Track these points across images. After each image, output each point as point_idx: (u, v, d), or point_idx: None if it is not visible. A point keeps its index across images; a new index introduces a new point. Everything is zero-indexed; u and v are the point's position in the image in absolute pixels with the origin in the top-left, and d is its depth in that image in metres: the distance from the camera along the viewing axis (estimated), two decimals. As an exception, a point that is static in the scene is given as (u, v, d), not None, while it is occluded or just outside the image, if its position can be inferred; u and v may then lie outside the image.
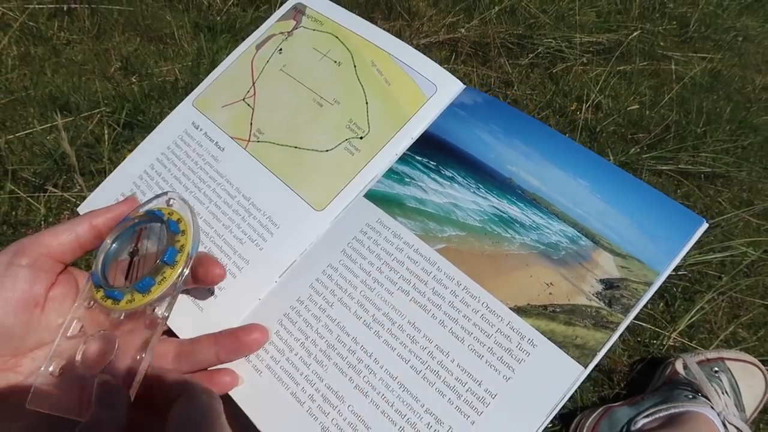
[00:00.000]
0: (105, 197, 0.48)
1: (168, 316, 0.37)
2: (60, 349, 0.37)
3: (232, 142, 0.48)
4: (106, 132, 0.96)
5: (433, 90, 0.46)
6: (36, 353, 0.37)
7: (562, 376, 0.35)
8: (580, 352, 0.35)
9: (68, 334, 0.38)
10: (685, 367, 0.77)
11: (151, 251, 0.39)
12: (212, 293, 0.42)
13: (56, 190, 0.91)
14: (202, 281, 0.39)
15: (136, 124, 1.01)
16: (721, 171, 1.17)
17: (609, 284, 0.36)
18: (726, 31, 1.60)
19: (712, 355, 0.79)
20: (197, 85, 0.51)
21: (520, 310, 0.37)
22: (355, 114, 0.46)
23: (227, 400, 0.42)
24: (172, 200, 0.41)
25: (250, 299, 0.42)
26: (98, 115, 1.02)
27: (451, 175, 0.42)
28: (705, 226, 0.37)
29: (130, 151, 0.98)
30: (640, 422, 0.70)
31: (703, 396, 0.74)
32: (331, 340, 0.39)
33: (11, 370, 0.36)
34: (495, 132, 0.43)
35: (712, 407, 0.70)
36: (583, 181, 0.40)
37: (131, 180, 0.48)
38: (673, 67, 1.42)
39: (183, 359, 0.40)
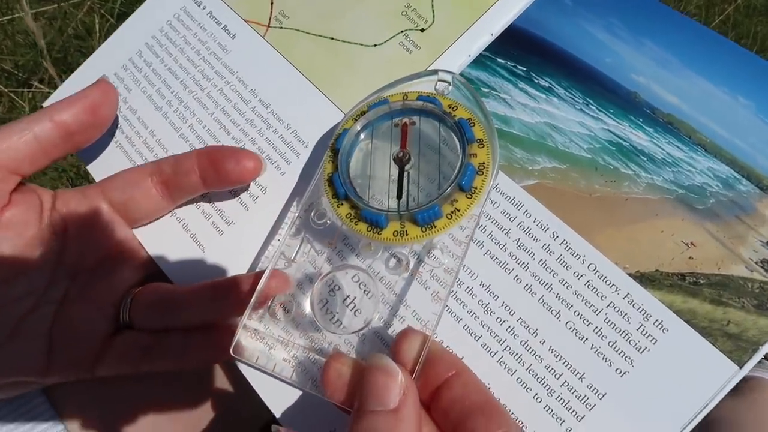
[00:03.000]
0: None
1: (456, 271, 0.26)
2: (276, 281, 0.28)
3: (247, 26, 0.36)
4: (97, 23, 0.84)
5: (525, -34, 0.33)
6: None
7: (706, 377, 0.25)
8: (734, 345, 0.25)
9: (291, 258, 0.29)
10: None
11: (428, 161, 0.28)
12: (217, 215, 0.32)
13: (42, 86, 0.81)
14: (228, 179, 0.31)
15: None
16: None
17: (782, 251, 0.26)
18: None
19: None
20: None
21: (644, 279, 0.26)
22: (415, -3, 0.34)
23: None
24: (444, 83, 0.29)
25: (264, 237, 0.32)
26: (88, 3, 0.89)
27: (547, 84, 0.31)
28: None
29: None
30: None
31: (769, 360, 0.65)
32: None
33: None
34: (614, 28, 0.31)
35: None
36: (746, 99, 0.28)
37: (112, 70, 0.37)
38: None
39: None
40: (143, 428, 0.33)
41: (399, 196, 0.27)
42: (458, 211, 0.25)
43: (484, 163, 0.26)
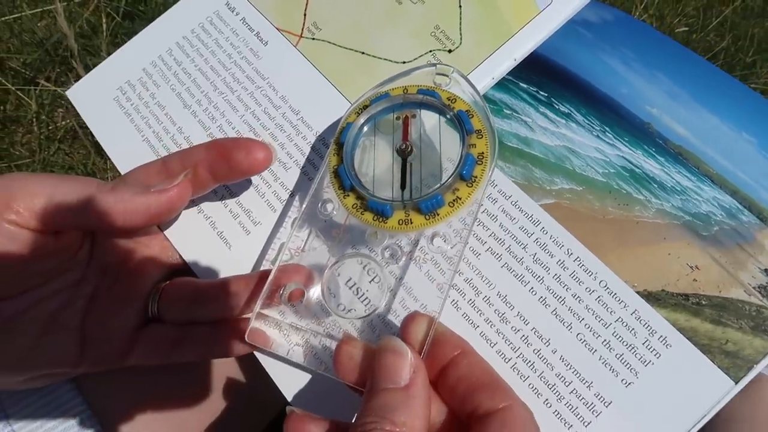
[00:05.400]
0: (104, 85, 0.38)
1: (459, 257, 0.27)
2: (286, 270, 0.29)
3: (279, 35, 0.37)
4: (104, 21, 0.83)
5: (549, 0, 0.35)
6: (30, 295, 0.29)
7: (704, 390, 0.27)
8: (731, 362, 0.27)
9: (300, 248, 0.30)
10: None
11: (429, 152, 0.29)
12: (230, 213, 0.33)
13: (48, 84, 0.80)
14: (239, 170, 0.30)
15: (138, 15, 0.89)
16: (772, 104, 1.10)
17: (779, 277, 0.28)
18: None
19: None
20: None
21: (651, 297, 0.28)
22: (444, 19, 0.35)
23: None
24: (442, 75, 0.30)
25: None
26: (95, 2, 0.89)
27: (567, 111, 0.33)
28: None
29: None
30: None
31: None
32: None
33: None
34: (630, 61, 0.33)
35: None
36: (750, 135, 0.30)
37: (140, 66, 0.38)
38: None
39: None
40: (168, 414, 0.34)
41: (403, 187, 0.28)
42: (460, 199, 0.26)
43: (483, 153, 0.27)
